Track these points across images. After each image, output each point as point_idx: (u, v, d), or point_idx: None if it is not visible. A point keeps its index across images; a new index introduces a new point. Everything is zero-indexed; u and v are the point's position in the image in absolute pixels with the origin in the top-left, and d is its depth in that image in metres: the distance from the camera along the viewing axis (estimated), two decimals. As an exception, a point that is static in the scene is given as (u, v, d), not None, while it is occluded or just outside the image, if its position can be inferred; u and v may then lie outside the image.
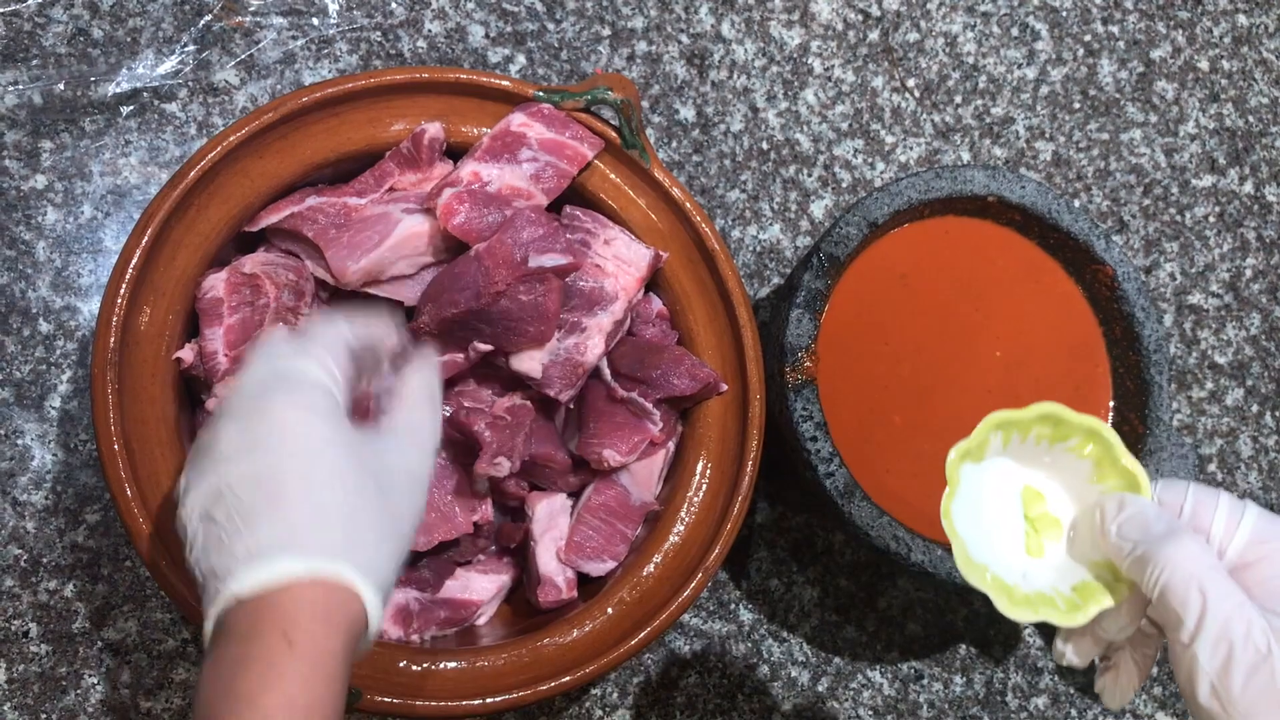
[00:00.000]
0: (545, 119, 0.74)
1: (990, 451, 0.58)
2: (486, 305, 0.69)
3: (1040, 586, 0.57)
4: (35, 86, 0.81)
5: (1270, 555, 0.51)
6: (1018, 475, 0.59)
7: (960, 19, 0.98)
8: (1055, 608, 0.55)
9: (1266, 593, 0.50)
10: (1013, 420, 0.57)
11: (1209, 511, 0.53)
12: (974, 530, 0.57)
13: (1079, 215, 0.79)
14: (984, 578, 0.55)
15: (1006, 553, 0.58)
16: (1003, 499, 0.59)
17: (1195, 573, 0.50)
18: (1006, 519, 0.58)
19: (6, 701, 0.75)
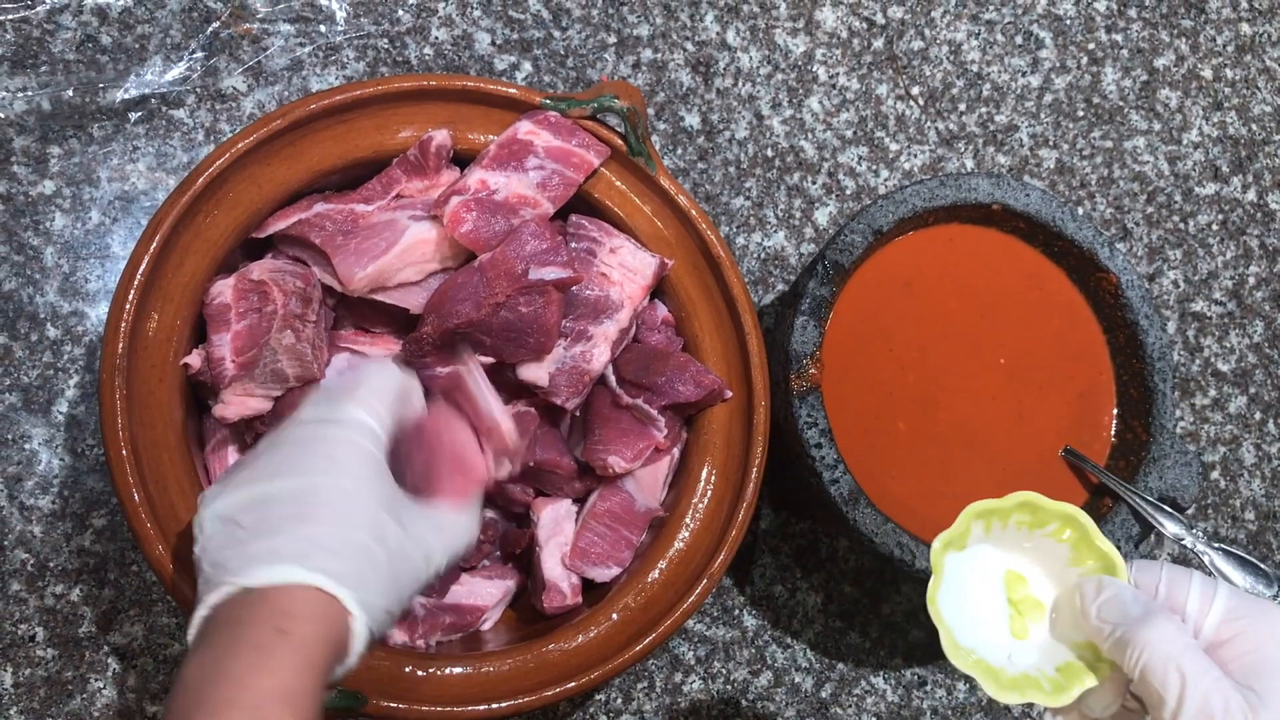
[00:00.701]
0: (552, 127, 0.74)
1: (973, 539, 0.61)
2: (486, 317, 0.69)
3: (1025, 668, 0.59)
4: (44, 93, 0.82)
5: (1243, 632, 0.54)
6: (1001, 560, 0.61)
7: (964, 27, 0.98)
8: (1040, 689, 0.57)
9: (1241, 668, 0.53)
10: (993, 509, 0.59)
11: (1183, 591, 0.55)
12: (960, 615, 0.59)
13: (1083, 223, 0.79)
14: (971, 662, 0.57)
15: (992, 636, 0.60)
16: (987, 584, 0.61)
17: (1172, 653, 0.52)
18: (991, 603, 0.61)
19: (13, 706, 0.75)
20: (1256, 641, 0.53)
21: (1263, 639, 0.53)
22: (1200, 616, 0.55)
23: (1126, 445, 0.79)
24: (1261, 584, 0.73)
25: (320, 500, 0.53)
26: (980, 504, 0.59)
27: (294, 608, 0.49)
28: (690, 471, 0.75)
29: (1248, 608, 0.54)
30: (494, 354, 0.71)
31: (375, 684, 0.67)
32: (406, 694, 0.68)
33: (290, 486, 0.53)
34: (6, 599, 0.76)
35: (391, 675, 0.68)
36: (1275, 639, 0.53)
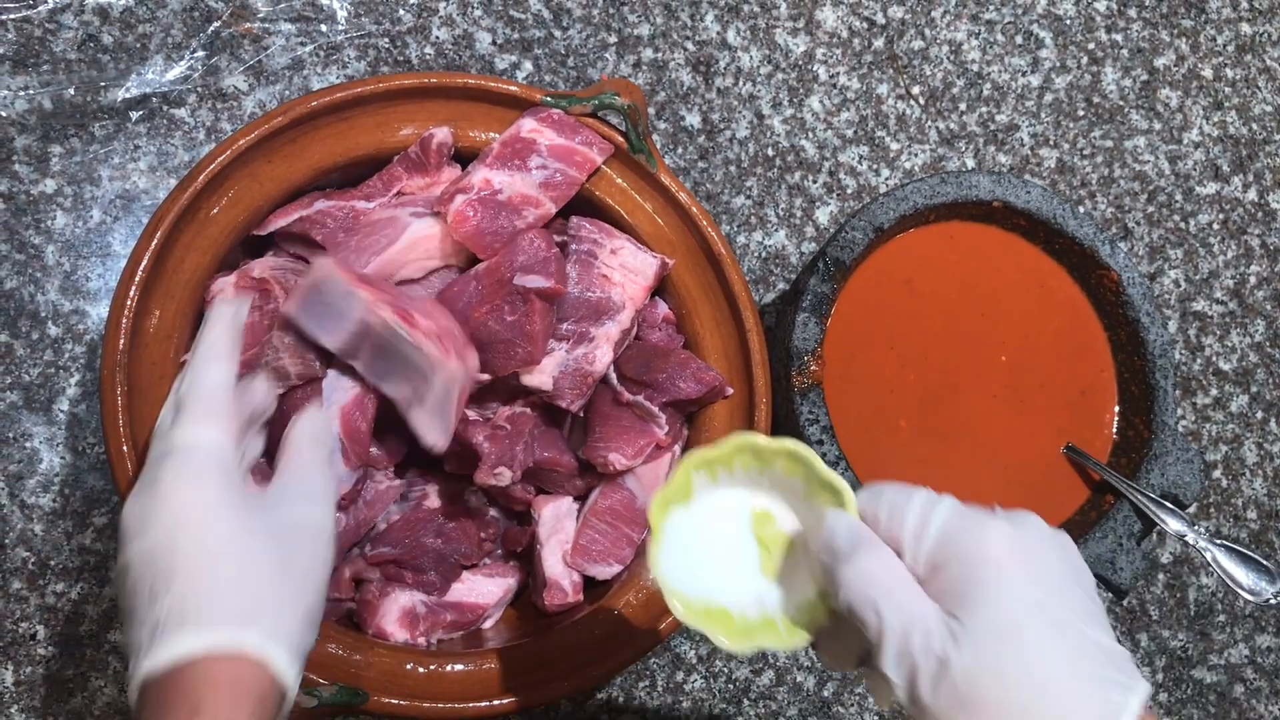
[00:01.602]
0: (555, 124, 0.74)
1: (699, 489, 0.57)
2: (476, 330, 0.69)
3: (772, 608, 0.56)
4: (45, 92, 0.82)
5: (955, 555, 0.49)
6: (747, 499, 0.58)
7: (965, 27, 0.98)
8: (776, 632, 0.55)
9: (949, 595, 0.49)
10: (712, 458, 0.56)
11: (899, 518, 0.51)
12: (698, 566, 0.56)
13: (1084, 220, 0.79)
14: (703, 613, 0.55)
15: (741, 579, 0.57)
16: (732, 527, 0.58)
17: (869, 593, 0.49)
18: (739, 547, 0.58)
19: (14, 704, 0.75)
20: (966, 564, 0.48)
21: (973, 559, 0.48)
22: (916, 544, 0.50)
23: (1128, 442, 0.79)
24: (1265, 581, 0.73)
25: (174, 549, 0.51)
26: (696, 454, 0.56)
27: (201, 688, 0.47)
28: (691, 469, 0.75)
29: (963, 526, 0.49)
30: (488, 369, 0.71)
31: (376, 681, 0.67)
32: (408, 691, 0.68)
33: (145, 547, 0.51)
34: (7, 597, 0.76)
35: (393, 672, 0.68)
36: (985, 558, 0.48)
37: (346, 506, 0.71)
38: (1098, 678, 0.46)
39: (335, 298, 0.66)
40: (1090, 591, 0.50)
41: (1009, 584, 0.48)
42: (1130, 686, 0.46)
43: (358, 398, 0.70)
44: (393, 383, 0.69)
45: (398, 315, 0.65)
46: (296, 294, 0.67)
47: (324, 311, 0.67)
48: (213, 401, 0.57)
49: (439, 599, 0.74)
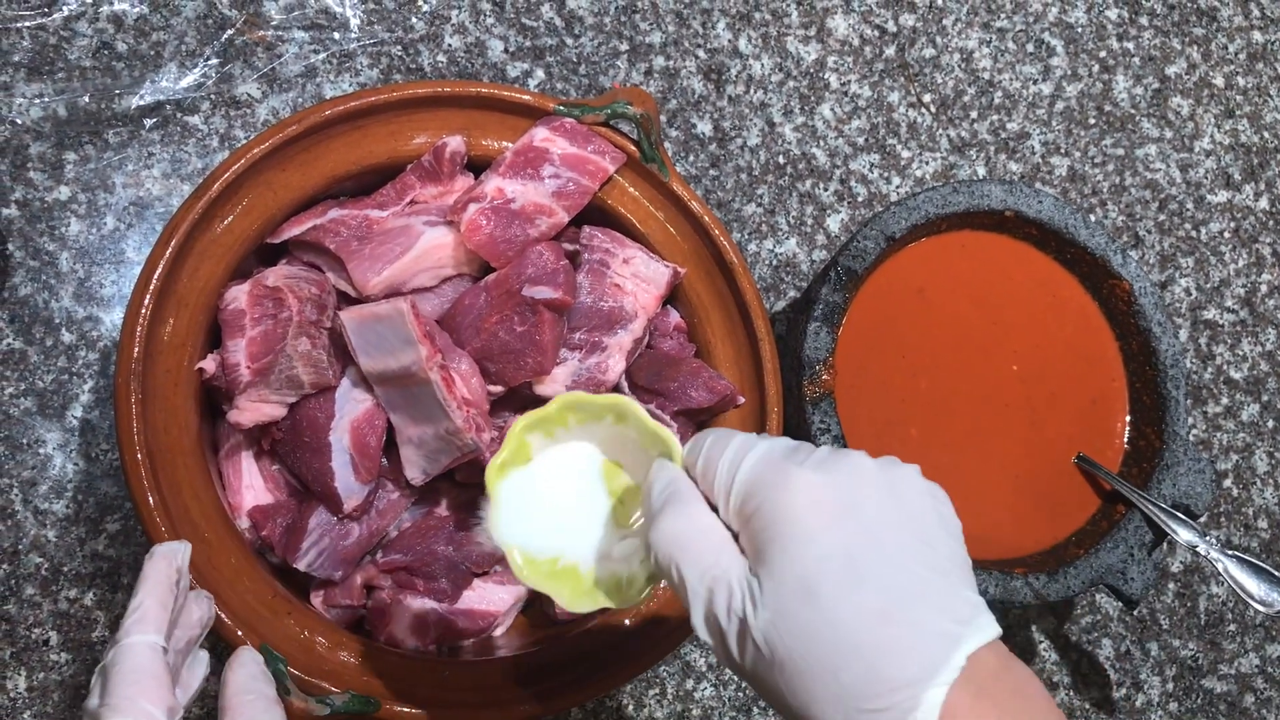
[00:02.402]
0: (568, 133, 0.74)
1: (537, 450, 0.56)
2: (487, 341, 0.70)
3: (623, 560, 0.54)
4: (60, 99, 0.82)
5: (760, 506, 0.46)
6: (595, 453, 0.57)
7: (976, 35, 0.98)
8: (619, 590, 0.53)
9: (754, 551, 0.45)
10: (542, 418, 0.55)
11: (712, 469, 0.48)
12: (544, 526, 0.55)
13: (1095, 230, 0.79)
14: (548, 573, 0.54)
15: (593, 533, 0.56)
16: (585, 480, 0.57)
17: (671, 551, 0.47)
18: (589, 499, 0.56)
19: (27, 709, 0.75)
20: (770, 515, 0.45)
21: (776, 511, 0.45)
22: (727, 496, 0.47)
23: (1139, 452, 0.79)
24: (1276, 591, 0.73)
25: None
26: (527, 416, 0.55)
27: None
28: (703, 477, 0.75)
29: (768, 476, 0.46)
30: (499, 380, 0.72)
31: (387, 689, 0.68)
32: (419, 699, 0.68)
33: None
34: (21, 603, 0.76)
35: (404, 680, 0.68)
36: (787, 507, 0.45)
37: (358, 517, 0.71)
38: (919, 629, 0.42)
39: (394, 338, 0.67)
40: (929, 535, 0.45)
41: (808, 535, 0.44)
42: (957, 636, 0.42)
43: (368, 412, 0.70)
44: (404, 417, 0.70)
45: (444, 380, 0.67)
46: (360, 313, 0.68)
47: (377, 341, 0.68)
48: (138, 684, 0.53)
49: (450, 606, 0.74)
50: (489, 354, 0.71)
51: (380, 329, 0.68)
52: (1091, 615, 0.92)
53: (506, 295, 0.71)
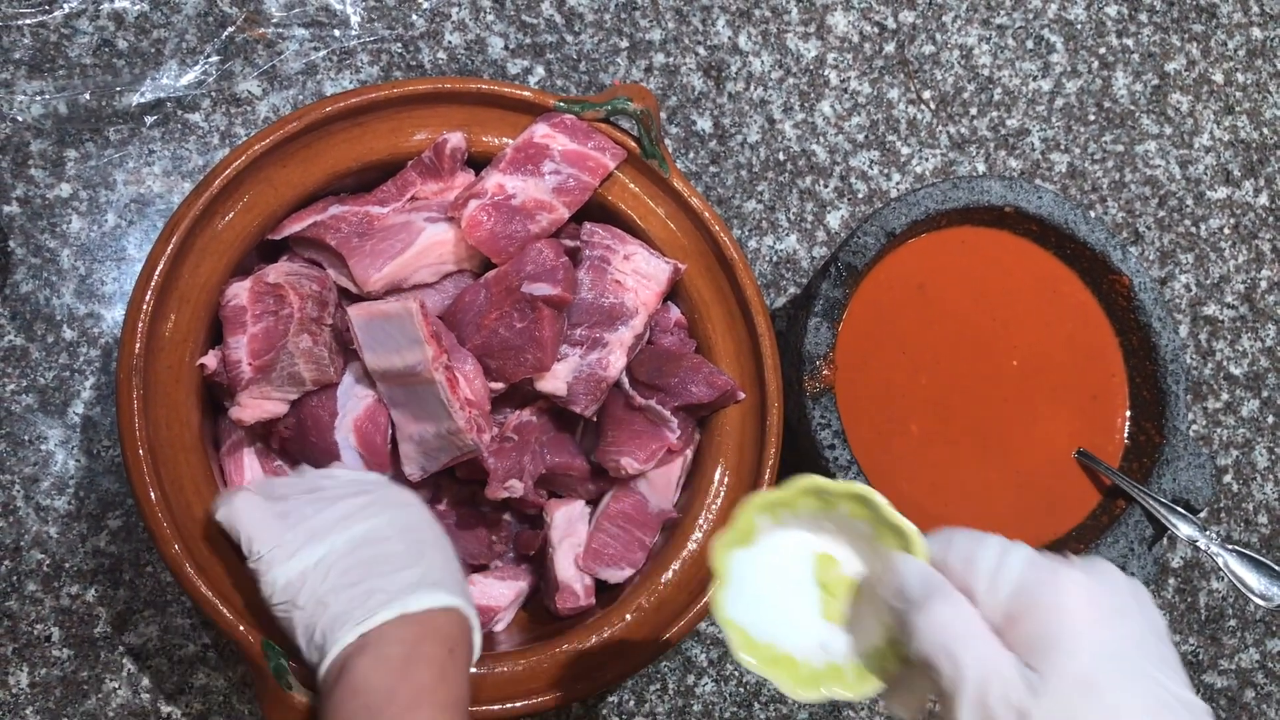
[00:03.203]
0: (568, 130, 0.74)
1: (762, 532, 0.56)
2: (487, 338, 0.70)
3: (837, 655, 0.55)
4: (61, 96, 0.82)
5: (1031, 605, 0.48)
6: (811, 543, 0.57)
7: (975, 32, 0.98)
8: (843, 680, 0.54)
9: (1027, 645, 0.48)
10: (777, 500, 0.55)
11: (973, 565, 0.50)
12: (763, 610, 0.55)
13: (1095, 225, 0.80)
14: (768, 658, 0.54)
15: (804, 625, 0.56)
16: (794, 570, 0.57)
17: (945, 640, 0.48)
18: (801, 591, 0.56)
19: (29, 705, 0.76)
20: (1043, 614, 0.47)
21: (1050, 610, 0.47)
22: (990, 592, 0.49)
23: (1139, 447, 0.79)
24: (1276, 586, 0.73)
25: (421, 532, 0.63)
26: (759, 496, 0.55)
27: (452, 631, 0.59)
28: (703, 473, 0.75)
29: (1039, 576, 0.48)
30: (500, 377, 0.72)
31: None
32: (421, 694, 0.68)
33: (387, 522, 0.62)
34: (23, 599, 0.77)
35: (406, 675, 0.68)
36: (1062, 609, 0.47)
37: None
38: None
39: (402, 337, 0.68)
40: (1165, 641, 0.49)
41: (1087, 635, 0.47)
42: None
43: (370, 410, 0.71)
44: (405, 414, 0.71)
45: (448, 380, 0.68)
46: (369, 310, 0.69)
47: (383, 339, 0.69)
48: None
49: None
50: (489, 350, 0.71)
51: (388, 327, 0.68)
52: (1092, 611, 0.92)
53: (506, 292, 0.71)
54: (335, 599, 0.58)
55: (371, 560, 0.59)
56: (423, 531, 0.63)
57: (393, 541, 0.61)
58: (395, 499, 0.64)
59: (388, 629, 0.56)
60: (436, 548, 0.62)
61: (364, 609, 0.57)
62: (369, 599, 0.57)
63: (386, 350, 0.69)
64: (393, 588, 0.58)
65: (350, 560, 0.59)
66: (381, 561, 0.59)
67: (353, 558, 0.59)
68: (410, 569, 0.59)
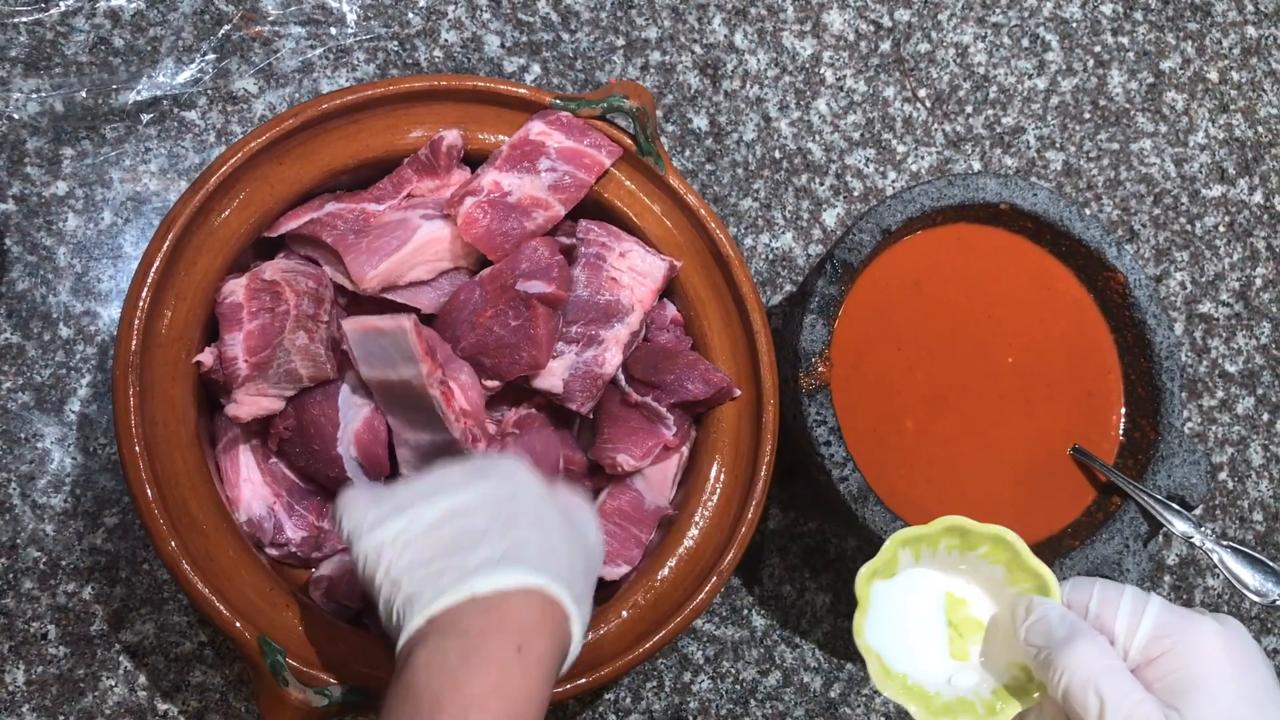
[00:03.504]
0: (564, 127, 0.74)
1: (902, 566, 0.60)
2: (482, 336, 0.70)
3: (964, 690, 0.58)
4: (57, 94, 0.82)
5: (1171, 649, 0.53)
6: (941, 582, 0.61)
7: (971, 30, 0.99)
8: (974, 713, 0.57)
9: (1166, 687, 0.52)
10: (919, 536, 0.59)
11: (1112, 609, 0.55)
12: (895, 641, 0.59)
13: (1090, 223, 0.80)
14: (901, 688, 0.57)
15: (931, 660, 0.60)
16: (927, 607, 0.61)
17: (1092, 675, 0.52)
18: (931, 626, 0.60)
19: (25, 703, 0.76)
20: (1183, 659, 0.53)
21: (1189, 656, 0.53)
22: (1129, 635, 0.54)
23: (1135, 444, 0.80)
24: (1271, 582, 0.73)
25: (516, 505, 0.56)
26: (905, 531, 0.59)
27: (528, 621, 0.52)
28: (699, 470, 0.76)
29: (1178, 624, 0.54)
30: (495, 374, 0.72)
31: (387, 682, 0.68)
32: (417, 690, 0.68)
33: (478, 494, 0.56)
34: (19, 597, 0.77)
35: (402, 672, 0.68)
36: (1202, 655, 0.52)
37: None
38: None
39: (396, 352, 0.68)
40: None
41: (1226, 681, 0.52)
42: None
43: (369, 420, 0.71)
44: (401, 421, 0.71)
45: (443, 394, 0.68)
46: (363, 324, 0.69)
47: (378, 352, 0.69)
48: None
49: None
50: (484, 349, 0.71)
51: (382, 342, 0.69)
52: (1087, 608, 0.92)
53: (501, 290, 0.71)
54: (409, 577, 0.53)
55: (454, 535, 0.54)
56: (520, 502, 0.56)
57: (479, 514, 0.55)
58: (498, 469, 0.58)
59: (455, 615, 0.51)
60: (534, 520, 0.56)
61: (434, 589, 0.52)
62: (440, 578, 0.52)
63: (381, 363, 0.70)
64: (467, 565, 0.52)
65: (431, 535, 0.54)
66: (463, 535, 0.54)
67: (434, 533, 0.54)
68: (491, 544, 0.53)
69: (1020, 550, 0.58)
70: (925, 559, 0.60)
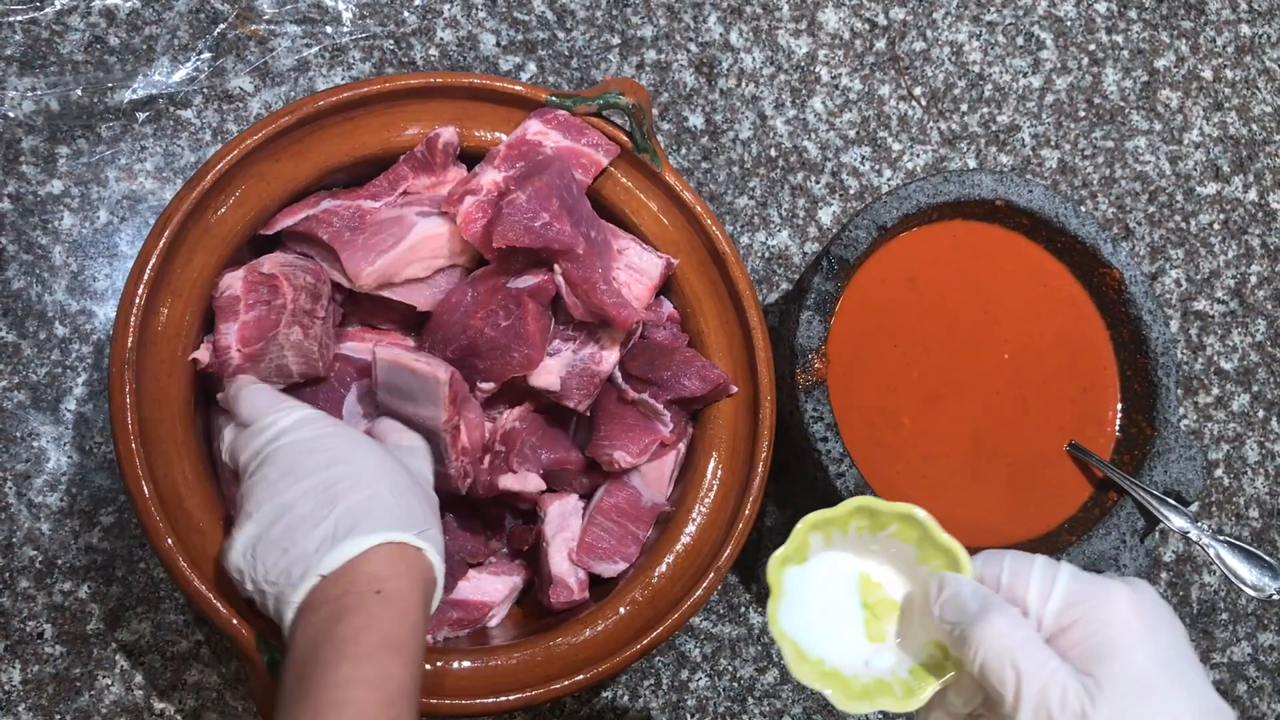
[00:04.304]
0: (561, 126, 0.74)
1: (813, 550, 0.60)
2: (473, 339, 0.70)
3: (882, 672, 0.58)
4: (53, 93, 0.82)
5: (1083, 616, 0.53)
6: (853, 564, 0.61)
7: (966, 28, 0.99)
8: (892, 694, 0.57)
9: (1081, 654, 0.52)
10: (828, 519, 0.58)
11: (1023, 581, 0.55)
12: (811, 627, 0.59)
13: (1086, 219, 0.80)
14: (819, 674, 0.57)
15: (848, 643, 0.59)
16: (841, 590, 0.60)
17: (1006, 648, 0.52)
18: (847, 609, 0.60)
19: (21, 702, 0.75)
20: (1095, 625, 0.52)
21: (1101, 621, 0.52)
22: (1041, 605, 0.54)
23: (1131, 440, 0.80)
24: (1268, 577, 0.73)
25: (340, 483, 0.59)
26: (814, 515, 0.58)
27: (377, 568, 0.56)
28: (696, 466, 0.76)
29: (1088, 590, 0.54)
30: (488, 377, 0.72)
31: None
32: (415, 688, 0.68)
33: (301, 492, 0.59)
34: (15, 596, 0.76)
35: (400, 669, 0.68)
36: (1113, 619, 0.52)
37: None
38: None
39: (423, 395, 0.69)
40: (1192, 649, 0.54)
41: (1138, 643, 0.52)
42: None
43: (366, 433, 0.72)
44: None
45: (452, 438, 0.69)
46: (397, 359, 0.69)
47: (404, 387, 0.69)
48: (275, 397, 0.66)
49: (445, 596, 0.74)
50: (476, 351, 0.71)
51: (411, 381, 0.69)
52: (1084, 604, 0.92)
53: (492, 290, 0.71)
54: (268, 582, 0.58)
55: (288, 531, 0.58)
56: (335, 470, 0.60)
57: (301, 501, 0.59)
58: (299, 448, 0.61)
59: (314, 596, 0.56)
60: (351, 484, 0.59)
61: (289, 585, 0.57)
62: (291, 574, 0.57)
63: (402, 398, 0.70)
64: (308, 552, 0.57)
65: (271, 537, 0.58)
66: (296, 528, 0.58)
67: (272, 534, 0.58)
68: (322, 527, 0.57)
69: (930, 527, 0.58)
70: (836, 542, 0.60)
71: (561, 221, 0.68)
